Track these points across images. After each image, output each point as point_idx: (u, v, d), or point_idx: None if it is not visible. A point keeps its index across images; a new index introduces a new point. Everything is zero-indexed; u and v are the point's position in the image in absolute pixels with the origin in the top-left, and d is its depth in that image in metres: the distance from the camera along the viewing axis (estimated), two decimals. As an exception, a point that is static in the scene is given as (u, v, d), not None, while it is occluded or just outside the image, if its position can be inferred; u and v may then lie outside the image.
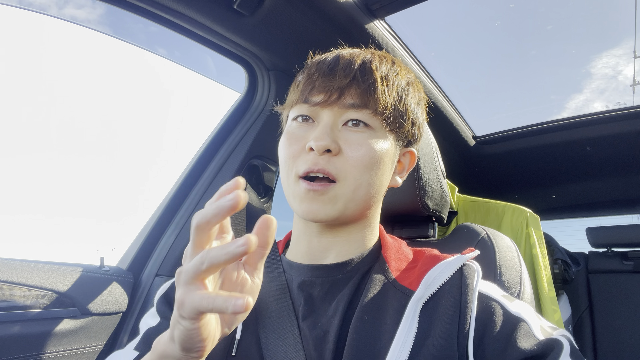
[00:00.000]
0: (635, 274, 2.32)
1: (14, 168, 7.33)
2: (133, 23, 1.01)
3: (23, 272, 0.91)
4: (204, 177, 1.25)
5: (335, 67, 0.60)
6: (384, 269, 0.61)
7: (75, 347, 0.95)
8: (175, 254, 1.16)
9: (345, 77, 0.59)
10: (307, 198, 0.58)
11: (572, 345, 0.51)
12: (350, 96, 0.59)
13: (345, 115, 0.59)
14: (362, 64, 0.60)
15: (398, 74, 0.63)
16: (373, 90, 0.59)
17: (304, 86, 0.61)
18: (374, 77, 0.59)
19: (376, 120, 0.60)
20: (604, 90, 5.20)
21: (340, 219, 0.59)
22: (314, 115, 0.61)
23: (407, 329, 0.52)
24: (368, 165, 0.58)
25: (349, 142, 0.58)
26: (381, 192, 0.64)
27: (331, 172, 0.57)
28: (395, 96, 0.61)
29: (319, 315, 0.58)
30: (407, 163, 0.69)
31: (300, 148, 0.60)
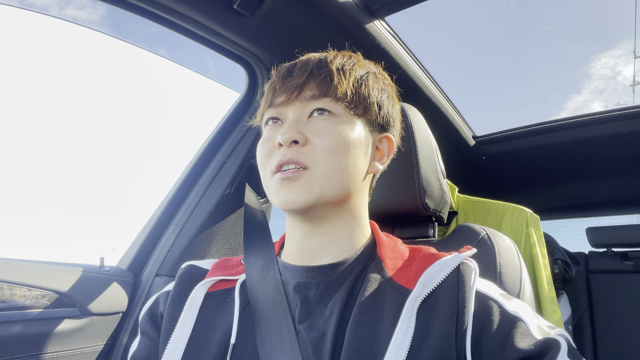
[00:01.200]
0: (635, 274, 2.32)
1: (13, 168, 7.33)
2: (133, 24, 1.01)
3: (23, 272, 0.91)
4: (204, 177, 1.25)
5: (293, 69, 0.63)
6: (379, 267, 0.61)
7: (75, 347, 0.95)
8: (175, 254, 1.16)
9: (302, 75, 0.62)
10: (282, 187, 0.59)
11: (569, 345, 0.51)
12: (309, 89, 0.61)
13: (308, 107, 0.62)
14: (318, 62, 0.63)
15: (355, 65, 0.65)
16: (330, 79, 0.61)
17: (267, 92, 0.65)
18: (329, 69, 0.62)
19: (338, 106, 0.61)
20: (602, 90, 5.20)
21: (319, 205, 0.59)
22: (281, 116, 0.64)
23: (405, 328, 0.52)
24: (337, 150, 0.59)
25: (314, 131, 0.60)
26: (358, 178, 0.63)
27: (300, 160, 0.58)
28: (354, 82, 0.62)
29: (315, 317, 0.58)
30: (386, 149, 0.69)
31: (272, 146, 0.62)
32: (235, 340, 0.58)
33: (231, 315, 0.60)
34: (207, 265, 0.71)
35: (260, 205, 0.81)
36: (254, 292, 0.62)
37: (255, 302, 0.61)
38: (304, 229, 0.63)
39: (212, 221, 1.20)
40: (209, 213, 1.19)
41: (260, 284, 0.62)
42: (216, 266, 0.70)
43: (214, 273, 0.67)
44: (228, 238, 1.24)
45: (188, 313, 0.61)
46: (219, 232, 1.22)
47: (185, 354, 0.58)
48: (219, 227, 1.21)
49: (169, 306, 0.64)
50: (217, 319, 0.61)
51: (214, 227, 1.20)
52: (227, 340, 0.58)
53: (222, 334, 0.59)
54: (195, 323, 0.61)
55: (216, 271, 0.68)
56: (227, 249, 1.24)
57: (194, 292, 0.63)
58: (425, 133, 0.92)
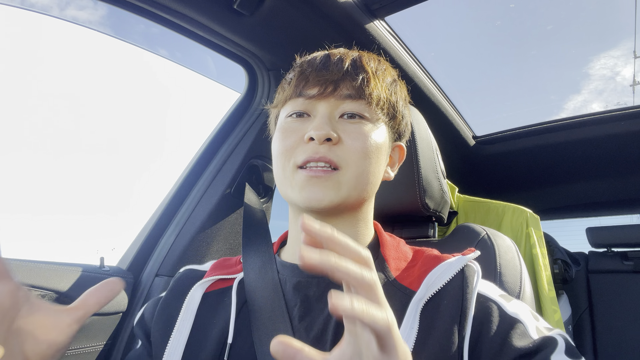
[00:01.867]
0: (635, 274, 2.32)
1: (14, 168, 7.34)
2: (134, 24, 1.01)
3: (23, 272, 0.91)
4: (204, 177, 1.25)
5: (328, 62, 0.62)
6: (383, 267, 0.61)
7: (75, 347, 0.95)
8: (175, 254, 1.16)
9: (338, 72, 0.60)
10: (309, 184, 0.58)
11: (567, 343, 0.51)
12: (345, 87, 0.60)
13: (342, 107, 0.60)
14: (353, 60, 0.62)
15: (385, 71, 0.66)
16: (367, 82, 0.60)
17: (298, 81, 0.62)
18: (365, 71, 0.61)
19: (371, 111, 0.61)
20: (602, 91, 5.22)
21: (341, 207, 0.59)
22: (310, 110, 0.62)
23: (409, 329, 0.52)
24: (368, 154, 0.59)
25: (347, 132, 0.59)
26: (377, 184, 0.64)
27: (333, 159, 0.58)
28: (387, 90, 0.63)
29: (315, 316, 0.57)
30: (397, 157, 0.71)
31: (298, 139, 0.60)
32: (232, 339, 0.57)
33: (228, 314, 0.60)
34: (205, 267, 0.71)
35: (260, 205, 0.81)
36: (252, 291, 0.62)
37: (253, 301, 0.60)
38: None
39: (212, 221, 1.20)
40: (209, 213, 1.19)
41: (258, 283, 0.62)
42: (215, 266, 0.70)
43: (212, 273, 0.67)
44: (228, 238, 1.24)
45: (186, 313, 0.61)
46: (219, 232, 1.22)
47: (185, 353, 0.58)
48: (219, 227, 1.21)
49: (161, 311, 0.64)
50: (215, 318, 0.61)
51: (214, 227, 1.20)
52: (224, 339, 0.58)
53: (219, 333, 0.59)
54: (194, 323, 0.61)
55: (214, 271, 0.68)
56: (227, 249, 1.24)
57: (192, 292, 0.63)
58: (425, 133, 0.92)
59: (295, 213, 0.65)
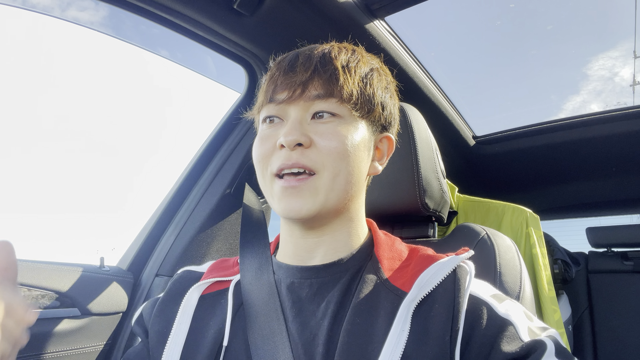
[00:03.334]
0: (635, 274, 2.32)
1: (14, 168, 7.32)
2: (135, 25, 1.01)
3: (23, 272, 0.91)
4: (204, 177, 1.25)
5: (295, 63, 0.60)
6: (376, 268, 0.60)
7: (75, 347, 0.95)
8: (175, 254, 1.16)
9: (305, 71, 0.58)
10: (285, 195, 0.57)
11: (557, 345, 0.50)
12: (313, 88, 0.58)
13: (312, 107, 0.59)
14: (322, 56, 0.60)
15: (359, 61, 0.62)
16: (335, 79, 0.58)
17: (267, 87, 0.61)
18: (334, 66, 0.59)
19: (344, 108, 0.59)
20: (601, 91, 5.22)
21: (322, 213, 0.58)
22: (282, 114, 0.60)
23: (399, 331, 0.51)
24: (343, 154, 0.57)
25: (319, 133, 0.57)
26: (361, 181, 0.62)
27: (307, 164, 0.56)
28: (360, 83, 0.60)
29: (307, 317, 0.57)
30: (386, 149, 0.68)
31: (272, 146, 0.59)
32: (227, 342, 0.57)
33: (224, 317, 0.60)
34: (203, 269, 0.70)
35: (260, 205, 0.81)
36: (248, 293, 0.61)
37: (249, 303, 0.60)
38: (301, 232, 0.62)
39: (212, 221, 1.20)
40: (209, 213, 1.19)
41: (254, 284, 0.62)
42: (212, 268, 0.69)
43: (209, 275, 0.66)
44: (228, 238, 1.24)
45: (183, 316, 0.61)
46: (219, 232, 1.22)
47: (182, 356, 0.58)
48: (219, 227, 1.21)
49: (159, 312, 0.64)
50: (211, 320, 0.61)
51: (214, 227, 1.20)
52: (219, 341, 0.57)
53: (215, 335, 0.58)
54: (191, 326, 0.60)
55: (211, 273, 0.67)
56: (227, 249, 1.24)
57: (188, 295, 0.63)
58: (425, 133, 0.92)
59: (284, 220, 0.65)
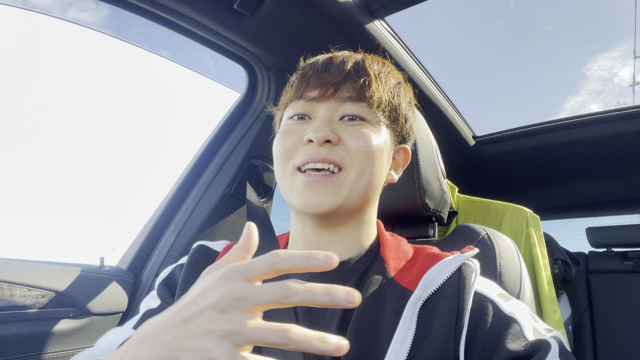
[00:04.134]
0: (635, 274, 2.32)
1: (15, 168, 7.32)
2: (135, 25, 1.01)
3: (23, 272, 0.91)
4: (204, 177, 1.25)
5: (330, 65, 0.62)
6: (382, 268, 0.61)
7: (75, 347, 0.95)
8: (175, 254, 1.16)
9: (339, 74, 0.60)
10: (309, 189, 0.57)
11: (561, 347, 0.50)
12: (346, 90, 0.60)
13: (342, 109, 0.60)
14: (355, 63, 0.62)
15: (389, 73, 0.65)
16: (368, 85, 0.60)
17: (299, 84, 0.62)
18: (367, 73, 0.61)
19: (372, 113, 0.61)
20: (600, 92, 5.22)
21: (341, 210, 0.59)
22: (310, 112, 0.62)
23: (405, 330, 0.51)
24: (370, 154, 0.59)
25: (347, 132, 0.59)
26: (380, 186, 0.64)
27: (335, 159, 0.58)
28: (389, 92, 0.63)
29: (317, 316, 0.57)
30: (402, 160, 0.70)
31: (297, 141, 0.60)
32: None
33: None
34: (218, 247, 0.70)
35: (261, 204, 0.81)
36: None
37: None
38: (314, 230, 0.62)
39: (212, 221, 1.20)
40: (209, 213, 1.19)
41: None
42: (225, 252, 0.69)
43: None
44: (228, 238, 1.24)
45: None
46: (219, 232, 1.22)
47: None
48: (219, 227, 1.21)
49: (182, 282, 0.64)
50: None
51: (214, 227, 1.20)
52: None
53: None
54: None
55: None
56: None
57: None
58: (425, 133, 0.92)
59: (298, 217, 0.65)
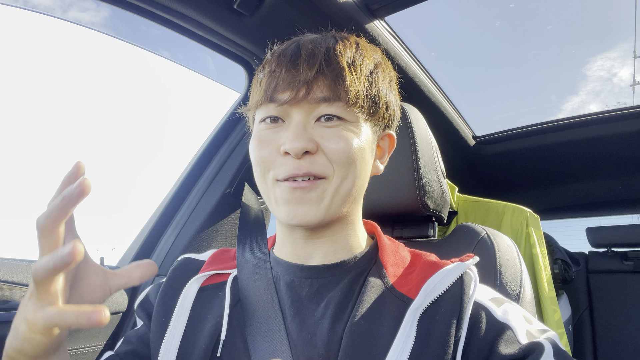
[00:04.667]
0: (635, 274, 2.32)
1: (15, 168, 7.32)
2: (136, 25, 1.01)
3: (23, 272, 0.91)
4: (204, 177, 1.25)
5: (297, 59, 0.56)
6: (381, 273, 0.60)
7: (75, 347, 0.95)
8: (175, 254, 1.16)
9: (310, 69, 0.54)
10: (290, 201, 0.55)
11: (555, 347, 0.50)
12: (319, 89, 0.55)
13: (317, 111, 0.56)
14: (326, 52, 0.56)
15: (364, 57, 0.59)
16: (342, 79, 0.55)
17: (267, 84, 0.57)
18: (340, 65, 0.55)
19: (349, 111, 0.56)
20: (599, 92, 5.22)
21: (326, 218, 0.57)
22: (283, 115, 0.57)
23: (405, 337, 0.51)
24: (351, 158, 0.56)
25: (325, 137, 0.55)
26: (364, 184, 0.62)
27: (318, 172, 0.54)
28: (365, 82, 0.57)
29: (305, 316, 0.57)
30: (387, 147, 0.67)
31: (274, 151, 0.56)
32: (225, 335, 0.57)
33: (222, 310, 0.60)
34: (204, 257, 0.70)
35: (259, 204, 0.81)
36: (246, 289, 0.61)
37: (247, 299, 0.60)
38: (301, 236, 0.61)
39: (212, 221, 1.20)
40: (209, 213, 1.19)
41: (252, 281, 0.62)
42: (212, 259, 0.69)
43: (209, 267, 0.66)
44: (228, 238, 1.24)
45: (181, 308, 0.61)
46: (219, 232, 1.22)
47: (180, 349, 0.58)
48: (219, 227, 1.21)
49: (160, 299, 0.64)
50: (209, 313, 0.61)
51: (213, 227, 1.20)
52: (217, 334, 0.57)
53: (212, 328, 0.58)
54: (189, 318, 0.60)
55: (211, 265, 0.67)
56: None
57: (188, 287, 0.63)
58: (425, 133, 0.92)
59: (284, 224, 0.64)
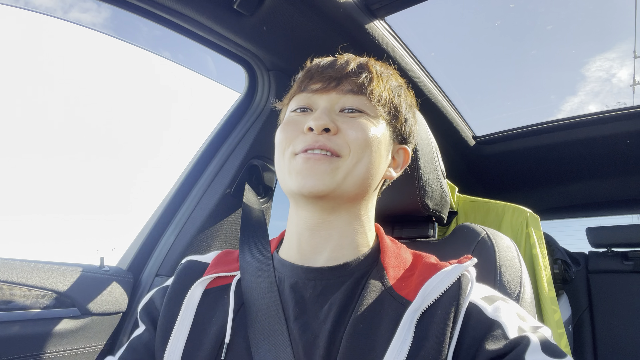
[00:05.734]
0: (635, 274, 2.32)
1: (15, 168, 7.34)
2: (137, 26, 1.01)
3: (23, 272, 0.91)
4: (204, 177, 1.25)
5: (334, 62, 0.65)
6: (381, 275, 0.60)
7: (75, 347, 0.95)
8: (175, 254, 1.16)
9: (342, 70, 0.63)
10: (305, 169, 0.58)
11: (544, 342, 0.50)
12: (347, 84, 0.63)
13: (342, 101, 0.63)
14: (359, 62, 0.65)
15: (392, 76, 0.68)
16: (369, 81, 0.63)
17: (303, 78, 0.66)
18: (369, 71, 0.64)
19: (372, 107, 0.63)
20: (598, 93, 5.22)
21: (336, 194, 0.59)
22: (312, 104, 0.64)
23: (402, 340, 0.51)
24: (367, 144, 0.60)
25: (346, 123, 0.61)
26: (377, 178, 0.64)
27: (333, 147, 0.59)
28: (390, 90, 0.66)
29: (309, 318, 0.57)
30: (402, 160, 0.71)
31: (298, 130, 0.62)
32: (229, 339, 0.57)
33: (226, 314, 0.60)
34: (208, 259, 0.71)
35: (259, 205, 0.81)
36: (249, 291, 0.62)
37: (250, 301, 0.60)
38: (309, 222, 0.62)
39: (212, 221, 1.20)
40: (209, 213, 1.19)
41: (254, 283, 0.62)
42: (216, 261, 0.69)
43: (213, 269, 0.67)
44: (228, 238, 1.24)
45: (186, 311, 0.61)
46: (219, 232, 1.22)
47: (185, 352, 0.58)
48: (219, 227, 1.21)
49: (166, 304, 0.64)
50: (214, 316, 0.61)
51: (214, 227, 1.20)
52: (221, 338, 0.58)
53: (217, 331, 0.59)
54: (194, 321, 0.61)
55: (215, 267, 0.67)
56: (227, 248, 1.24)
57: (192, 290, 0.63)
58: (425, 133, 0.92)
59: (294, 208, 0.65)
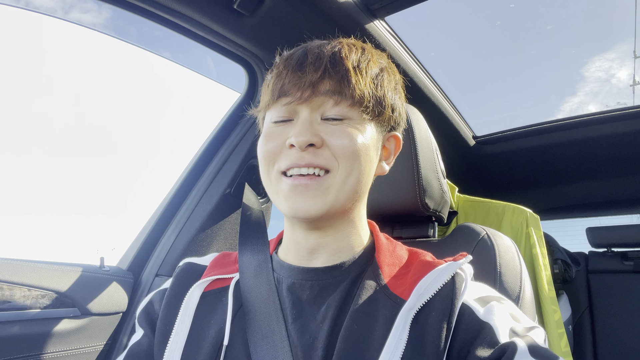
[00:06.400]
0: (635, 274, 2.32)
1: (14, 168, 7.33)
2: (137, 26, 1.01)
3: (23, 272, 0.91)
4: (204, 177, 1.25)
5: (304, 61, 0.58)
6: (376, 274, 0.60)
7: (75, 347, 0.95)
8: (175, 254, 1.16)
9: (315, 71, 0.57)
10: (295, 194, 0.56)
11: (532, 346, 0.49)
12: (324, 89, 0.57)
13: (323, 107, 0.58)
14: (332, 55, 0.58)
15: (370, 61, 0.61)
16: (347, 80, 0.57)
17: (274, 85, 0.59)
18: (345, 66, 0.57)
19: (354, 111, 0.58)
20: (597, 93, 5.24)
21: (330, 213, 0.58)
22: (291, 114, 0.59)
23: (397, 340, 0.51)
24: (355, 153, 0.57)
25: (330, 133, 0.57)
26: (369, 182, 0.63)
27: (320, 163, 0.56)
28: (371, 84, 0.59)
29: (307, 320, 0.57)
30: (393, 148, 0.68)
31: (280, 144, 0.58)
32: (228, 341, 0.57)
33: (224, 316, 0.60)
34: (206, 262, 0.70)
35: (259, 205, 0.81)
36: (247, 292, 0.61)
37: (248, 302, 0.60)
38: (304, 232, 0.62)
39: (212, 221, 1.20)
40: (209, 213, 1.19)
41: (253, 285, 0.62)
42: (214, 263, 0.69)
43: (211, 272, 0.66)
44: (228, 238, 1.24)
45: (184, 315, 0.61)
46: (219, 232, 1.22)
47: (183, 355, 0.58)
48: (219, 227, 1.21)
49: (165, 306, 0.64)
50: (212, 318, 0.61)
51: (214, 227, 1.20)
52: (220, 340, 0.58)
53: (216, 334, 0.58)
54: (192, 324, 0.61)
55: (213, 269, 0.67)
56: (227, 248, 1.24)
57: (190, 293, 0.63)
58: (425, 133, 0.92)
59: (288, 220, 0.64)
